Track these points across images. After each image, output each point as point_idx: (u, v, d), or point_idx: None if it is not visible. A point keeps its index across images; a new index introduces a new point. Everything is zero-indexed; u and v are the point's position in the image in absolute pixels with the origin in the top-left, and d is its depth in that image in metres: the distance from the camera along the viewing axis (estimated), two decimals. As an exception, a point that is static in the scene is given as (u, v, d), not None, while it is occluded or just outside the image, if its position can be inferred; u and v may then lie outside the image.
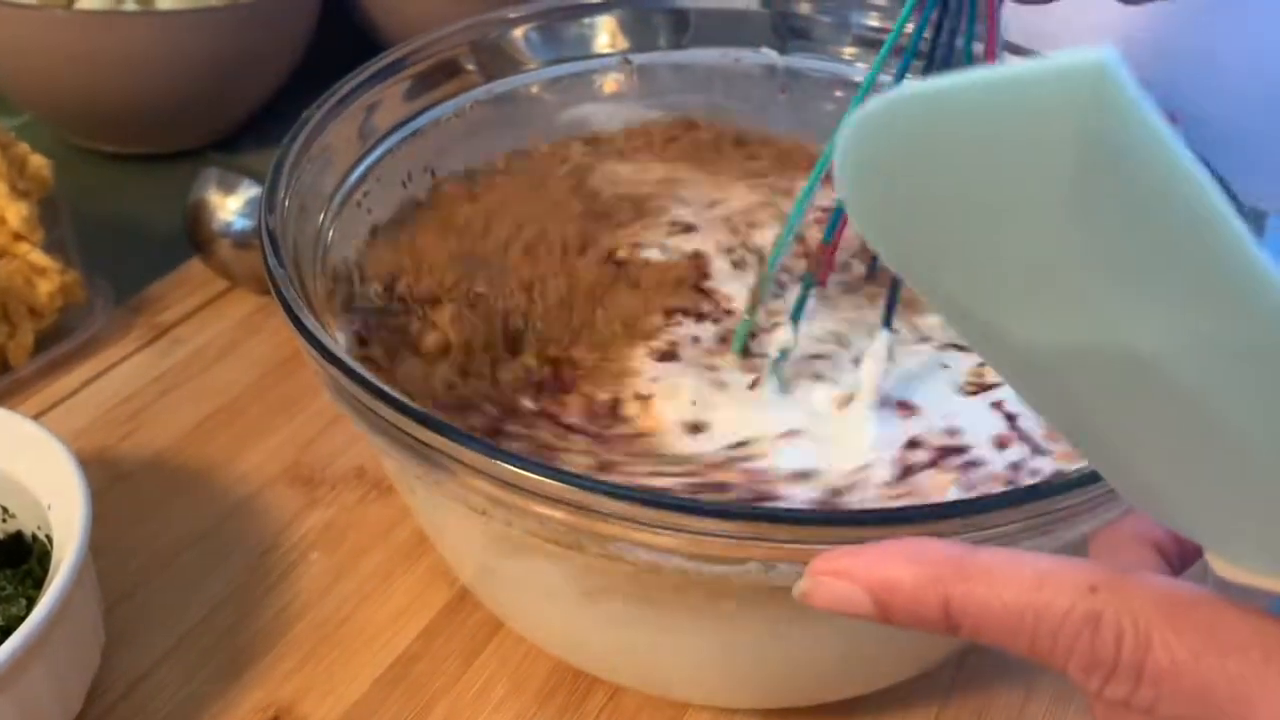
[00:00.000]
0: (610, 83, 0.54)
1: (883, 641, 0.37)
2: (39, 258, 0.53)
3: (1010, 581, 0.23)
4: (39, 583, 0.42)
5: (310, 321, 0.35)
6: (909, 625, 0.24)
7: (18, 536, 0.44)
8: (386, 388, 0.32)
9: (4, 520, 0.44)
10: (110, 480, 0.49)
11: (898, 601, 0.24)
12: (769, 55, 0.53)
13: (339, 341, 0.38)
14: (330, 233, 0.42)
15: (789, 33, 0.54)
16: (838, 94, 0.53)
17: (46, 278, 0.54)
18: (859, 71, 0.53)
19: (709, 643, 0.37)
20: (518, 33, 0.53)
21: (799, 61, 0.53)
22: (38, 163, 0.54)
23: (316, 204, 0.41)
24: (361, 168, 0.44)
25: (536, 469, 0.30)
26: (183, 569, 0.46)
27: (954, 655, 0.42)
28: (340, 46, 0.72)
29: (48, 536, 0.43)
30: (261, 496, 0.49)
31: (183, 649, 0.43)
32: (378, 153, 0.46)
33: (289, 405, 0.53)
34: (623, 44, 0.53)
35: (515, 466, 0.30)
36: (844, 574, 0.24)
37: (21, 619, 0.41)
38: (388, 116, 0.47)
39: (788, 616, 0.34)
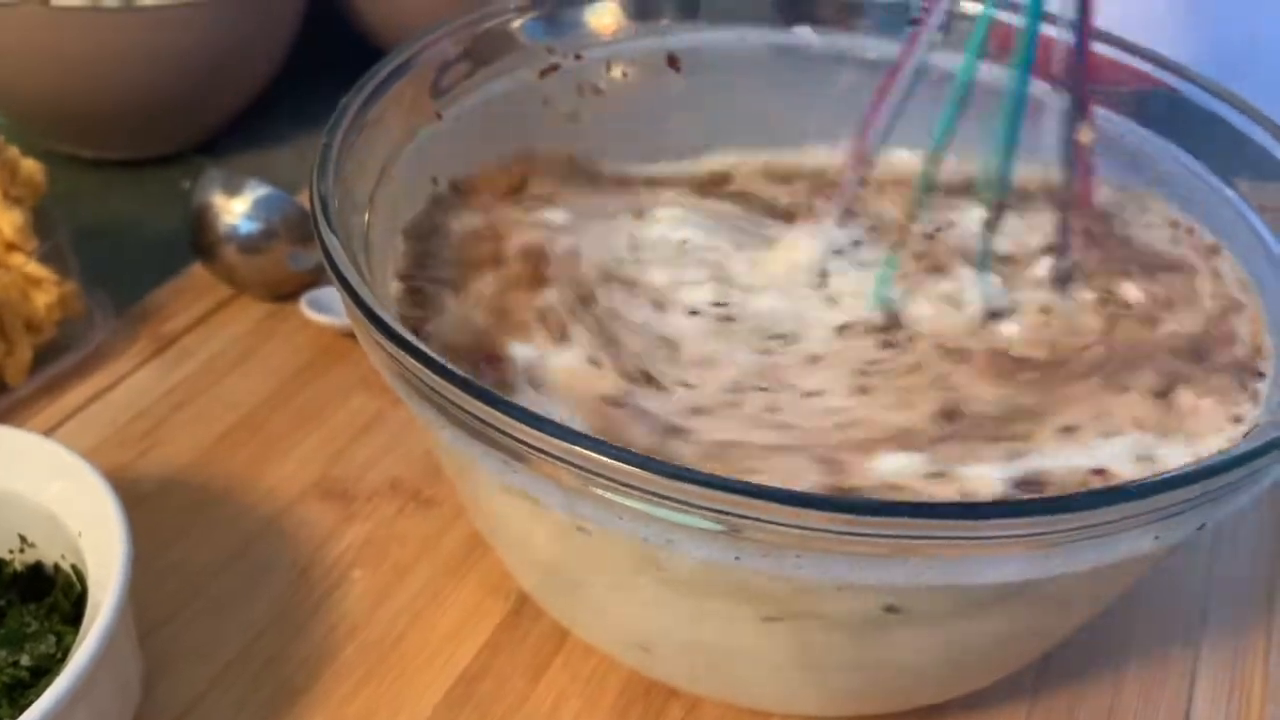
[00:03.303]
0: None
1: (983, 645, 0.35)
2: (35, 268, 0.50)
3: None
4: (65, 617, 0.39)
5: (370, 297, 0.32)
6: None
7: (37, 568, 0.41)
8: (489, 388, 0.29)
9: (23, 550, 0.41)
10: (128, 503, 0.45)
11: None
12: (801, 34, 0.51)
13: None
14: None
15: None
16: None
17: (43, 289, 0.50)
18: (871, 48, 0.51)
19: (800, 649, 0.35)
20: (518, 24, 0.51)
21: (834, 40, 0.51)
22: (30, 167, 0.51)
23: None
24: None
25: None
26: (218, 593, 0.43)
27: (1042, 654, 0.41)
28: (328, 44, 0.70)
29: (73, 566, 0.40)
30: (293, 513, 0.46)
31: (228, 678, 0.40)
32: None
33: (311, 416, 0.50)
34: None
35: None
36: None
37: (51, 656, 0.39)
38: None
39: (891, 622, 0.33)
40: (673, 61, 0.50)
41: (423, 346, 0.30)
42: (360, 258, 0.36)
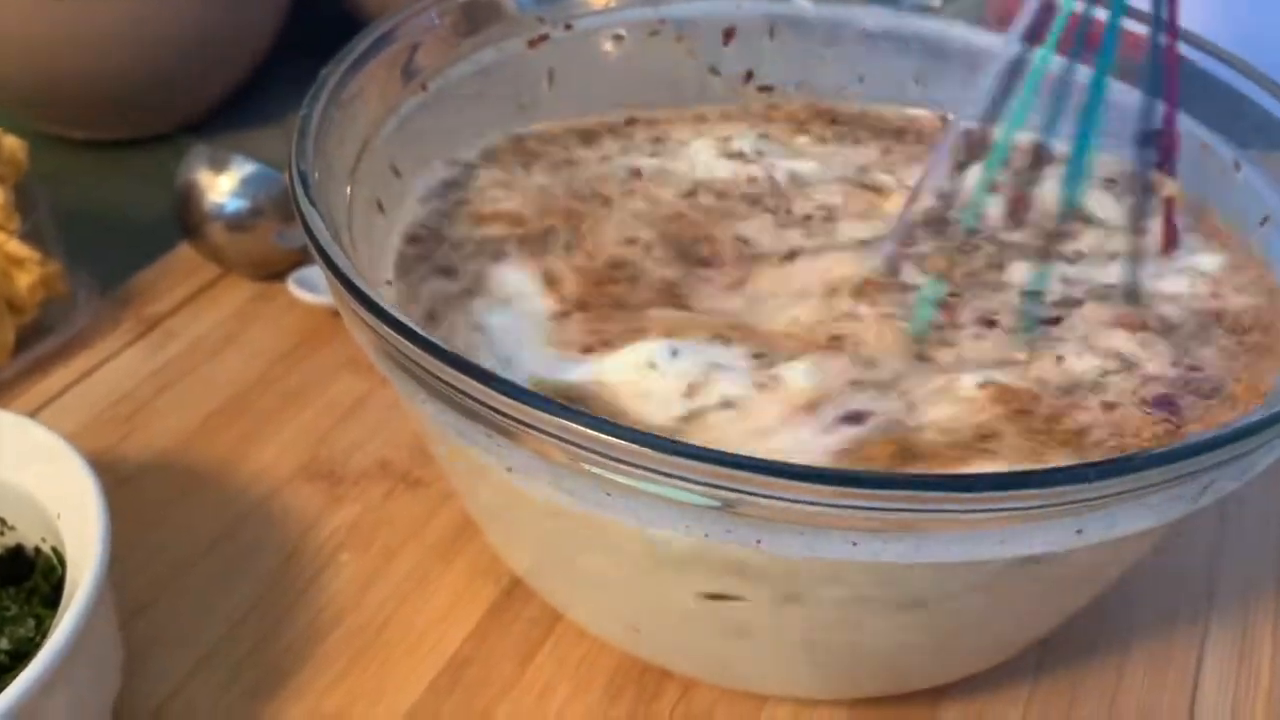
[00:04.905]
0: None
1: (979, 627, 0.34)
2: (16, 247, 0.49)
3: None
4: (45, 600, 0.39)
5: (352, 270, 0.31)
6: None
7: (17, 550, 0.40)
8: (479, 363, 0.28)
9: (2, 533, 0.40)
10: (112, 485, 0.43)
11: None
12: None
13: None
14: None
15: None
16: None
17: (25, 269, 0.49)
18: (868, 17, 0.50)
19: (797, 631, 0.34)
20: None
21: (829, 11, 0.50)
22: (11, 144, 0.50)
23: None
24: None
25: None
26: (202, 577, 0.42)
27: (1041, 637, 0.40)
28: (318, 22, 0.68)
29: (53, 549, 0.39)
30: (279, 496, 0.45)
31: (212, 663, 0.39)
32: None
33: (298, 397, 0.49)
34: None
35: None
36: None
37: (30, 640, 0.38)
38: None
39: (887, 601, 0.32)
40: (728, 35, 0.49)
41: (404, 318, 0.29)
42: (343, 232, 0.35)
